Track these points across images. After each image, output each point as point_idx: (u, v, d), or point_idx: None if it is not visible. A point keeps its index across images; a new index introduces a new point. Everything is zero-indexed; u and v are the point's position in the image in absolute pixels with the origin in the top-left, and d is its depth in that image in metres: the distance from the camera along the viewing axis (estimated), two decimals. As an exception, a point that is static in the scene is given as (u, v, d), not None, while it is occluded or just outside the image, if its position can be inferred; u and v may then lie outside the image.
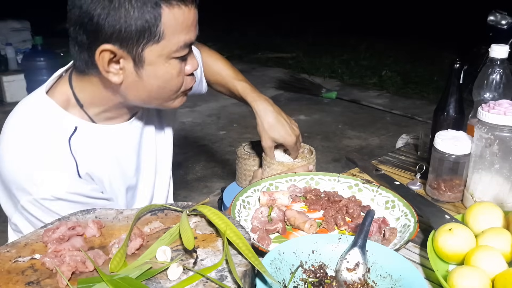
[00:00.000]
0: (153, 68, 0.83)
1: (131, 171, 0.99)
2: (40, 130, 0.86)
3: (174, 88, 0.88)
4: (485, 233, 0.82)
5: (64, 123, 0.88)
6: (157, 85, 0.85)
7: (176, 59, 0.84)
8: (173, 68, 0.84)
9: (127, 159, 0.98)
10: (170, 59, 0.83)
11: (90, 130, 0.91)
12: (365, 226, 0.77)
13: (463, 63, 1.14)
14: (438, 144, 1.06)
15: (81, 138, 0.89)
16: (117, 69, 0.83)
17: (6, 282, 0.59)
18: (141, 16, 0.77)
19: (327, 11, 9.17)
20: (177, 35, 0.81)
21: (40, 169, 0.83)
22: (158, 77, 0.84)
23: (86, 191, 0.87)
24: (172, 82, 0.86)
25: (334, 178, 1.11)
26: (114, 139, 0.94)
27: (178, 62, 0.85)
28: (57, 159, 0.85)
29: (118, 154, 0.95)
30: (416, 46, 6.78)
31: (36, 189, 0.82)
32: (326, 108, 4.78)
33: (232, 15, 9.32)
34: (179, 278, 0.61)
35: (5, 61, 4.84)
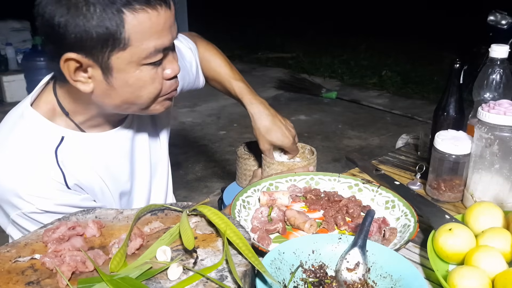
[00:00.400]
0: (123, 76, 0.79)
1: (124, 177, 0.98)
2: (25, 144, 0.84)
3: (151, 95, 0.83)
4: (485, 233, 0.82)
5: (50, 134, 0.86)
6: (131, 93, 0.81)
7: (148, 65, 0.79)
8: (145, 74, 0.80)
9: (118, 166, 0.96)
10: (141, 66, 0.79)
11: (78, 139, 0.89)
12: (365, 226, 0.77)
13: (463, 63, 1.14)
14: (438, 144, 1.06)
15: (68, 148, 0.87)
16: (86, 78, 0.79)
17: (6, 282, 0.59)
18: (101, 24, 0.73)
19: (327, 11, 9.16)
20: (146, 41, 0.76)
21: (26, 184, 0.81)
22: (130, 85, 0.80)
23: (76, 201, 0.86)
24: (146, 89, 0.82)
25: (334, 178, 1.11)
26: (103, 147, 0.92)
27: (152, 68, 0.80)
28: (43, 173, 0.83)
29: (108, 161, 0.94)
30: (416, 46, 6.77)
31: (24, 203, 0.81)
32: (326, 108, 4.78)
33: (232, 15, 9.32)
34: (179, 278, 0.61)
35: (5, 61, 4.84)
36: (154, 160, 1.08)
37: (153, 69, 0.81)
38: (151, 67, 0.80)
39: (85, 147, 0.90)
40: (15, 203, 0.82)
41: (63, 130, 0.87)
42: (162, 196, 1.12)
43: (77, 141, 0.89)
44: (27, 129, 0.85)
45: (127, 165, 0.99)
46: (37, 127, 0.86)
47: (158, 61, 0.80)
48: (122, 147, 0.97)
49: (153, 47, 0.78)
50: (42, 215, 0.82)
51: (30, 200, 0.81)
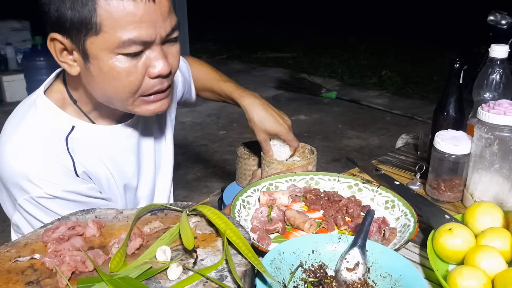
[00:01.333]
0: (98, 63, 0.78)
1: (130, 171, 0.99)
2: (38, 130, 0.86)
3: (126, 89, 0.81)
4: (485, 233, 0.82)
5: (61, 122, 0.88)
6: (107, 83, 0.81)
7: (124, 56, 0.78)
8: (120, 65, 0.78)
9: (125, 160, 0.98)
10: (117, 55, 0.77)
11: (87, 130, 0.91)
12: (365, 226, 0.77)
13: (463, 63, 1.14)
14: (438, 144, 1.06)
15: (78, 137, 0.89)
16: (72, 60, 0.81)
17: (6, 282, 0.59)
18: (74, 7, 0.74)
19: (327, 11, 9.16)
20: (120, 30, 0.75)
21: (36, 168, 0.83)
22: (105, 73, 0.79)
23: (83, 189, 0.87)
24: (121, 82, 0.80)
25: (334, 178, 1.11)
26: (111, 139, 0.94)
27: (128, 60, 0.78)
28: (54, 158, 0.85)
29: (115, 154, 0.95)
30: (416, 46, 6.78)
31: (32, 187, 0.82)
32: (326, 108, 4.78)
33: (232, 15, 9.32)
34: (179, 278, 0.61)
35: (5, 61, 4.85)
36: (159, 158, 1.09)
37: (130, 61, 0.79)
38: (127, 59, 0.78)
39: (94, 137, 0.91)
40: (24, 187, 0.82)
41: (74, 119, 0.89)
42: (165, 194, 1.13)
43: (87, 131, 0.90)
44: (39, 116, 0.87)
45: (133, 160, 0.99)
46: (49, 115, 0.88)
47: (135, 53, 0.78)
48: (129, 142, 0.98)
49: (127, 37, 0.75)
50: (49, 201, 0.83)
51: (39, 184, 0.82)
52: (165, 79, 0.84)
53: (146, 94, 0.84)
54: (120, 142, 0.96)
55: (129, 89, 0.81)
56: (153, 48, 0.80)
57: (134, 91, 0.82)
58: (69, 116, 0.89)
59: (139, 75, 0.80)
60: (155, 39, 0.79)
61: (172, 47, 0.84)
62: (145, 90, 0.83)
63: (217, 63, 6.95)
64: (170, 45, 0.84)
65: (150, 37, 0.78)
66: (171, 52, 0.84)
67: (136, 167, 1.00)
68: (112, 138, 0.94)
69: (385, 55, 6.61)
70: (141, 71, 0.80)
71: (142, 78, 0.81)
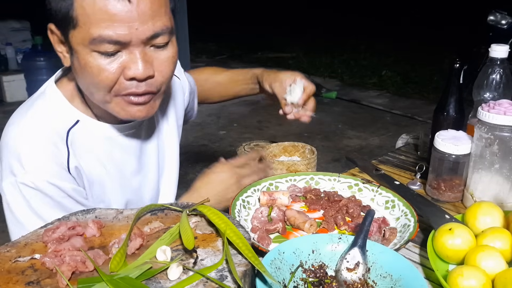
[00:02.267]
0: (78, 56, 0.79)
1: (129, 172, 0.99)
2: (43, 117, 0.87)
3: (100, 85, 0.80)
4: (485, 233, 0.82)
5: (66, 114, 0.89)
6: (84, 77, 0.81)
7: (98, 53, 0.77)
8: (94, 62, 0.77)
9: (125, 160, 0.97)
10: (92, 52, 0.77)
11: (91, 126, 0.91)
12: (365, 226, 0.77)
13: (463, 63, 1.14)
14: (438, 144, 1.06)
15: (80, 132, 0.89)
16: (65, 52, 0.83)
17: (6, 282, 0.59)
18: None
19: (327, 11, 9.16)
20: (93, 26, 0.74)
21: (30, 150, 0.84)
22: (82, 67, 0.79)
23: (68, 188, 0.86)
24: (95, 79, 0.79)
25: (334, 178, 1.11)
26: (112, 138, 0.94)
27: (102, 58, 0.77)
28: (50, 146, 0.85)
29: (115, 153, 0.95)
30: (416, 46, 6.78)
31: (20, 170, 0.83)
32: (326, 108, 4.78)
33: (233, 15, 9.32)
34: (179, 278, 0.61)
35: (5, 61, 4.85)
36: (162, 161, 1.08)
37: (104, 60, 0.77)
38: (101, 57, 0.77)
39: (96, 134, 0.92)
40: (13, 167, 0.83)
41: (79, 113, 0.90)
42: (170, 196, 1.11)
43: (90, 127, 0.91)
44: (47, 105, 0.89)
45: (134, 160, 0.99)
46: (56, 105, 0.89)
47: (109, 52, 0.77)
48: (131, 142, 0.97)
49: (97, 34, 0.74)
50: (30, 191, 0.83)
51: (27, 167, 0.83)
52: (141, 82, 0.81)
53: (121, 94, 0.82)
54: (121, 141, 0.95)
55: (102, 86, 0.80)
56: (131, 50, 0.78)
57: (106, 89, 0.80)
58: (76, 109, 0.90)
59: (112, 74, 0.79)
60: (131, 41, 0.76)
61: (161, 52, 0.81)
62: (119, 90, 0.81)
63: (217, 63, 6.95)
64: (159, 50, 0.81)
65: (124, 38, 0.75)
66: (159, 58, 0.81)
67: (136, 168, 1.00)
68: (114, 137, 0.94)
69: (385, 55, 6.62)
70: (115, 70, 0.78)
71: (115, 77, 0.79)
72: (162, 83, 0.84)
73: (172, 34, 0.82)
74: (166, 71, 0.83)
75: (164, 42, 0.80)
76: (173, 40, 0.83)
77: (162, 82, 0.84)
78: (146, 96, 0.83)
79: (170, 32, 0.81)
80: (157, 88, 0.84)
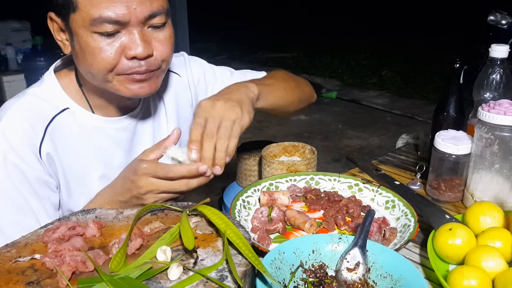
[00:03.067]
0: (78, 39, 0.81)
1: (115, 165, 0.97)
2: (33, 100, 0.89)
3: (100, 66, 0.82)
4: (485, 233, 0.82)
5: (57, 100, 0.91)
6: (85, 59, 0.83)
7: (99, 34, 0.80)
8: (95, 43, 0.80)
9: (112, 153, 0.96)
10: (93, 33, 0.80)
11: (81, 116, 0.92)
12: (365, 226, 0.77)
13: (463, 63, 1.14)
14: (438, 144, 1.06)
15: (67, 120, 0.90)
16: (65, 39, 0.86)
17: (6, 282, 0.59)
18: None
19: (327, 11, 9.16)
20: (94, 8, 0.77)
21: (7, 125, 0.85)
22: (83, 50, 0.82)
23: (30, 173, 0.85)
24: (96, 59, 0.81)
25: (334, 178, 1.11)
26: (102, 130, 0.94)
27: (103, 39, 0.80)
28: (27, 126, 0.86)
29: (103, 146, 0.94)
30: (416, 46, 6.78)
31: None
32: (326, 108, 4.78)
33: (233, 15, 9.32)
34: (179, 278, 0.61)
35: (5, 61, 4.84)
36: None
37: (105, 40, 0.80)
38: (101, 37, 0.80)
39: (85, 124, 0.92)
40: None
41: (72, 102, 0.92)
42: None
43: (80, 116, 0.92)
44: (40, 90, 0.91)
45: (122, 154, 0.98)
46: (49, 91, 0.91)
47: (109, 33, 0.80)
48: (120, 135, 0.97)
49: (98, 15, 0.78)
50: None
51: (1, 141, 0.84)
52: (142, 61, 0.83)
53: (124, 74, 0.84)
54: (111, 134, 0.95)
55: (103, 66, 0.82)
56: (130, 30, 0.81)
57: (108, 69, 0.83)
58: (69, 98, 0.91)
59: (114, 54, 0.81)
60: (130, 20, 0.79)
61: (159, 32, 0.85)
62: (121, 70, 0.83)
63: (217, 63, 6.94)
64: (156, 30, 0.84)
65: (123, 18, 0.79)
66: (157, 38, 0.84)
67: (124, 161, 0.97)
68: (103, 128, 0.94)
69: (385, 55, 6.62)
70: (116, 50, 0.81)
71: (117, 57, 0.82)
72: (162, 62, 0.87)
73: (168, 16, 0.85)
74: (164, 50, 0.86)
75: (161, 23, 0.84)
76: (169, 22, 0.87)
77: (161, 60, 0.87)
78: (147, 74, 0.86)
79: (166, 14, 0.85)
80: (157, 66, 0.86)
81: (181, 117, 1.11)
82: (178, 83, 1.10)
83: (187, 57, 1.14)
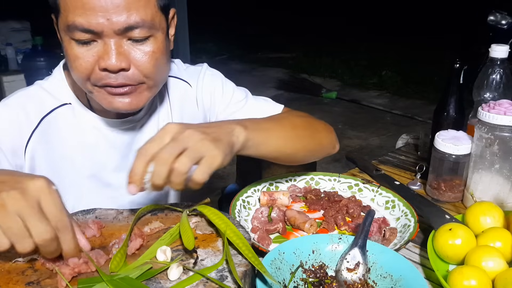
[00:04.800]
0: (63, 44, 0.82)
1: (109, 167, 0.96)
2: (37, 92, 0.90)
3: (77, 73, 0.81)
4: (485, 233, 0.82)
5: (61, 94, 0.91)
6: (69, 64, 0.82)
7: (75, 41, 0.78)
8: (72, 49, 0.79)
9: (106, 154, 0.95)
10: (70, 39, 0.78)
11: (82, 114, 0.92)
12: (365, 226, 0.77)
13: (463, 63, 1.14)
14: (438, 144, 1.06)
15: (66, 114, 0.91)
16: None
17: (6, 282, 0.59)
18: None
19: (327, 11, 9.16)
20: (70, 13, 0.75)
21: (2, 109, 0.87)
22: (65, 55, 0.82)
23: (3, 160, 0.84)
24: (72, 64, 0.80)
25: (334, 178, 1.11)
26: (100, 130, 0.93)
27: (78, 46, 0.78)
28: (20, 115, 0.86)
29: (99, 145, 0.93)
30: (416, 46, 6.78)
31: None
32: (326, 108, 4.78)
33: (233, 15, 9.32)
34: (179, 278, 0.61)
35: (5, 61, 4.83)
36: None
37: (80, 48, 0.78)
38: (78, 45, 0.78)
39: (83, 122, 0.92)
40: None
41: (74, 99, 0.92)
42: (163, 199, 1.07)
43: (80, 114, 0.92)
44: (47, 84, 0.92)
45: (117, 157, 0.96)
46: (55, 86, 0.91)
47: (83, 41, 0.77)
48: (118, 138, 0.95)
49: (72, 22, 0.75)
50: None
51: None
52: (115, 74, 0.79)
53: (98, 85, 0.81)
54: (109, 135, 0.94)
55: (79, 73, 0.81)
56: (105, 40, 0.77)
57: (84, 77, 0.81)
58: (73, 94, 0.92)
59: (87, 63, 0.79)
60: (103, 31, 0.76)
61: (139, 46, 0.79)
62: (95, 80, 0.81)
63: (217, 63, 6.95)
64: (137, 44, 0.79)
65: (96, 27, 0.75)
66: (137, 52, 0.80)
67: (119, 165, 0.97)
68: (102, 130, 0.93)
69: (385, 55, 6.62)
70: (90, 59, 0.79)
71: (90, 66, 0.79)
72: (145, 78, 0.82)
73: (153, 29, 0.80)
74: (144, 66, 0.80)
75: (142, 36, 0.79)
76: (157, 35, 0.81)
77: (140, 76, 0.81)
78: (125, 88, 0.81)
79: (150, 27, 0.79)
80: (136, 81, 0.81)
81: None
82: (188, 92, 1.06)
83: (204, 69, 1.08)
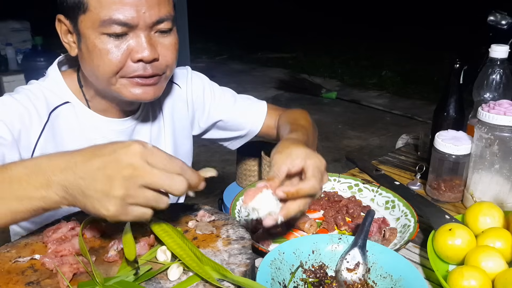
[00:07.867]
0: (86, 41, 0.83)
1: None
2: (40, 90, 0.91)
3: (106, 67, 0.83)
4: (485, 233, 0.82)
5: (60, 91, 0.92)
6: (92, 60, 0.83)
7: (107, 35, 0.81)
8: (103, 45, 0.81)
9: None
10: (101, 35, 0.81)
11: (82, 112, 0.92)
12: (365, 226, 0.77)
13: (463, 63, 1.14)
14: (438, 144, 1.06)
15: (68, 112, 0.91)
16: (72, 42, 0.87)
17: (6, 282, 0.59)
18: None
19: (327, 11, 9.16)
20: (104, 9, 0.79)
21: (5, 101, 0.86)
22: (90, 51, 0.83)
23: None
24: (102, 60, 0.82)
25: (334, 178, 1.11)
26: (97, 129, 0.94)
27: (111, 41, 0.81)
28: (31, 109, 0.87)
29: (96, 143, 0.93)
30: (416, 46, 6.78)
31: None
32: (326, 108, 4.78)
33: (233, 15, 9.32)
34: (179, 278, 0.61)
35: (5, 61, 4.83)
36: None
37: (112, 42, 0.82)
38: (109, 39, 0.81)
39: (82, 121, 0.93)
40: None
41: (73, 98, 0.93)
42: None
43: (80, 112, 0.93)
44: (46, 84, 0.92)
45: None
46: (54, 85, 0.92)
47: (117, 34, 0.81)
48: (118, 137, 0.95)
49: (108, 17, 0.79)
50: None
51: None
52: (148, 64, 0.84)
53: (128, 76, 0.85)
54: (108, 135, 0.95)
55: (109, 68, 0.83)
56: (137, 33, 0.82)
57: (114, 71, 0.84)
58: (71, 93, 0.92)
59: (120, 56, 0.82)
60: (138, 24, 0.81)
61: (164, 38, 0.86)
62: (127, 72, 0.84)
63: (217, 63, 6.95)
64: (162, 35, 0.85)
65: (132, 20, 0.80)
66: (162, 43, 0.86)
67: None
68: (101, 128, 0.94)
69: (385, 55, 6.62)
70: (123, 52, 0.82)
71: (123, 59, 0.83)
72: (166, 67, 0.88)
73: (174, 22, 0.87)
74: (169, 56, 0.87)
75: (168, 28, 0.85)
76: (174, 29, 0.88)
77: (166, 66, 0.88)
78: (153, 78, 0.87)
79: (173, 20, 0.86)
80: (162, 70, 0.87)
81: (176, 127, 1.09)
82: (177, 93, 1.09)
83: (190, 71, 1.13)
